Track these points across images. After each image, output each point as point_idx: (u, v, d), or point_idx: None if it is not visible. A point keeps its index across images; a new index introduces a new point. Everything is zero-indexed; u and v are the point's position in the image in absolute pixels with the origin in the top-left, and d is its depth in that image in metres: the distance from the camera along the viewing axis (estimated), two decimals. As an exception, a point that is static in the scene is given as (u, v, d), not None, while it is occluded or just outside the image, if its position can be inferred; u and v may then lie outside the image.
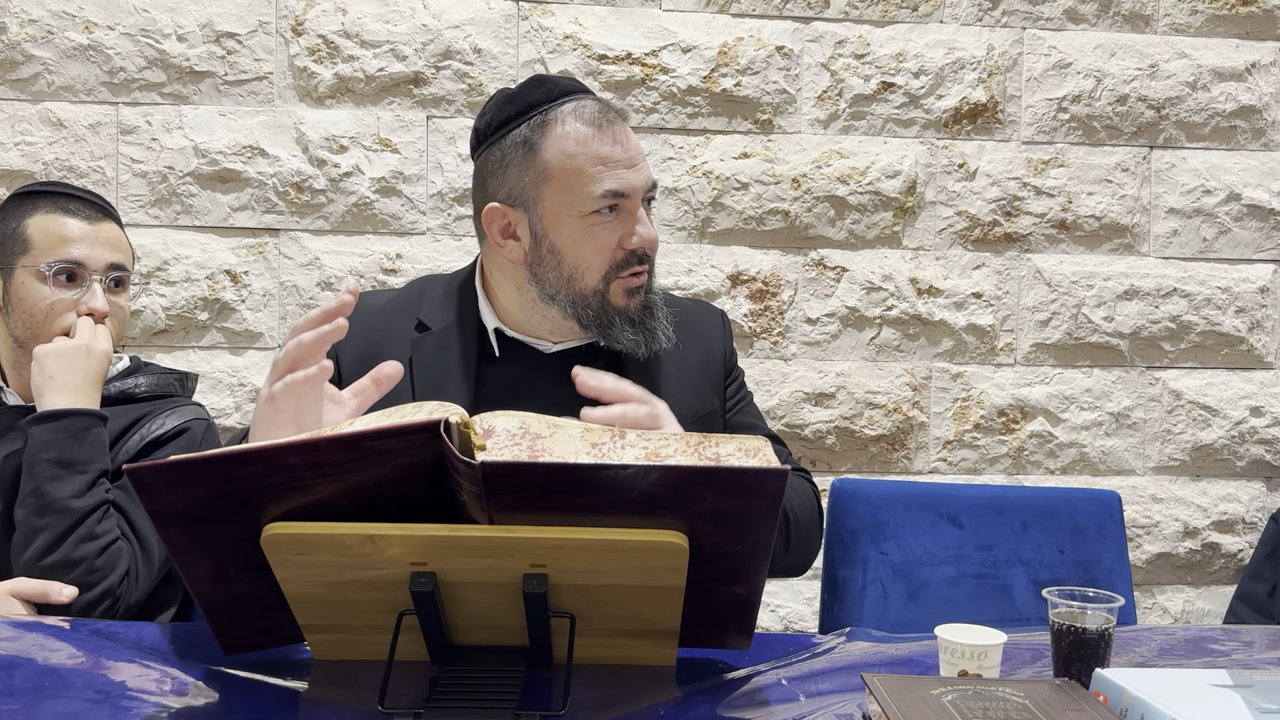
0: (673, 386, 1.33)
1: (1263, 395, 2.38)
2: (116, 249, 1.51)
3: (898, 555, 1.69)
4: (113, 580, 1.35)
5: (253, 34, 2.17)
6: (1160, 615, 2.37)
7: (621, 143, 1.24)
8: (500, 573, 0.88)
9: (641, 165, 1.26)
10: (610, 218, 1.25)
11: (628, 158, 1.24)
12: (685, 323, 1.39)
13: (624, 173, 1.24)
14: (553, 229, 1.25)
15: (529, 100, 1.26)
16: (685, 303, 1.46)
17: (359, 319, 1.33)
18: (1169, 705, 0.81)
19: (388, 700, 0.85)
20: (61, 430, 1.37)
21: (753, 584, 0.95)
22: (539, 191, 1.25)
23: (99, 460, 1.39)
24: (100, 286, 1.47)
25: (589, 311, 1.27)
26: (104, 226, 1.51)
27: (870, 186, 2.29)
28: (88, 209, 1.50)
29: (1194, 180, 2.36)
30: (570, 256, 1.25)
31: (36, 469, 1.35)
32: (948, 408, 2.32)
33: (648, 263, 1.29)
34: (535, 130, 1.24)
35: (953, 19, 2.31)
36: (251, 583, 0.92)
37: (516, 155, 1.25)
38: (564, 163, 1.23)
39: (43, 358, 1.41)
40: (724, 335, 1.45)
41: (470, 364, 1.29)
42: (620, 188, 1.23)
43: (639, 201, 1.26)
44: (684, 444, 0.94)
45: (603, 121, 1.23)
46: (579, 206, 1.23)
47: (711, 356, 1.40)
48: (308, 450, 0.84)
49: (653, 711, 0.90)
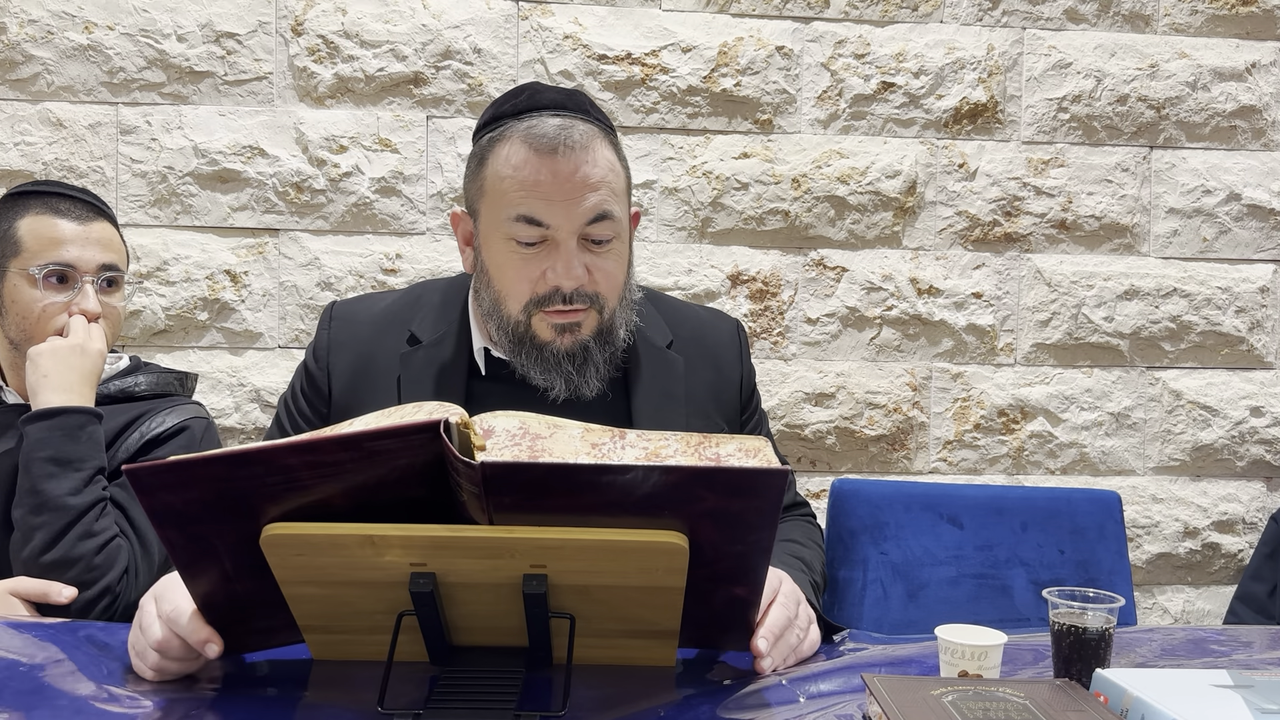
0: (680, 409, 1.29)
1: (1263, 395, 2.38)
2: (108, 249, 1.51)
3: (898, 555, 1.69)
4: (112, 578, 1.35)
5: (252, 34, 2.17)
6: (1160, 615, 2.37)
7: (558, 172, 1.15)
8: (500, 573, 0.88)
9: (583, 199, 1.16)
10: (533, 249, 1.17)
11: (560, 189, 1.15)
12: (696, 338, 1.34)
13: (546, 203, 1.15)
14: (485, 246, 1.22)
15: (499, 110, 1.22)
16: (698, 312, 1.40)
17: (351, 330, 1.30)
18: (1169, 706, 0.81)
19: (387, 701, 0.85)
20: (57, 428, 1.37)
21: (753, 584, 0.95)
22: (479, 206, 1.22)
23: (95, 458, 1.39)
24: (92, 288, 1.47)
25: (512, 338, 1.21)
26: (95, 226, 1.50)
27: (870, 186, 2.29)
28: (79, 209, 1.49)
29: (1194, 180, 2.36)
30: (496, 279, 1.21)
31: (32, 467, 1.35)
32: (948, 408, 2.32)
33: (581, 303, 1.18)
34: (489, 144, 1.20)
35: (953, 19, 2.31)
36: (251, 583, 0.92)
37: (472, 165, 1.24)
38: (495, 183, 1.18)
39: (37, 357, 1.41)
40: (739, 355, 1.38)
41: (458, 382, 1.25)
42: (534, 215, 1.16)
43: (569, 236, 1.17)
44: (684, 444, 0.94)
45: (547, 148, 1.15)
46: (502, 229, 1.18)
47: (726, 380, 1.35)
48: (307, 450, 0.84)
49: (653, 712, 0.90)
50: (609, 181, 1.18)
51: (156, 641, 0.94)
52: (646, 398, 1.28)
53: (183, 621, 0.93)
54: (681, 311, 1.38)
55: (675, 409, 1.29)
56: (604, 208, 1.17)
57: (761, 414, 1.44)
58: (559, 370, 1.20)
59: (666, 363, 1.31)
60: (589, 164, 1.16)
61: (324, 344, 1.31)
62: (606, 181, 1.18)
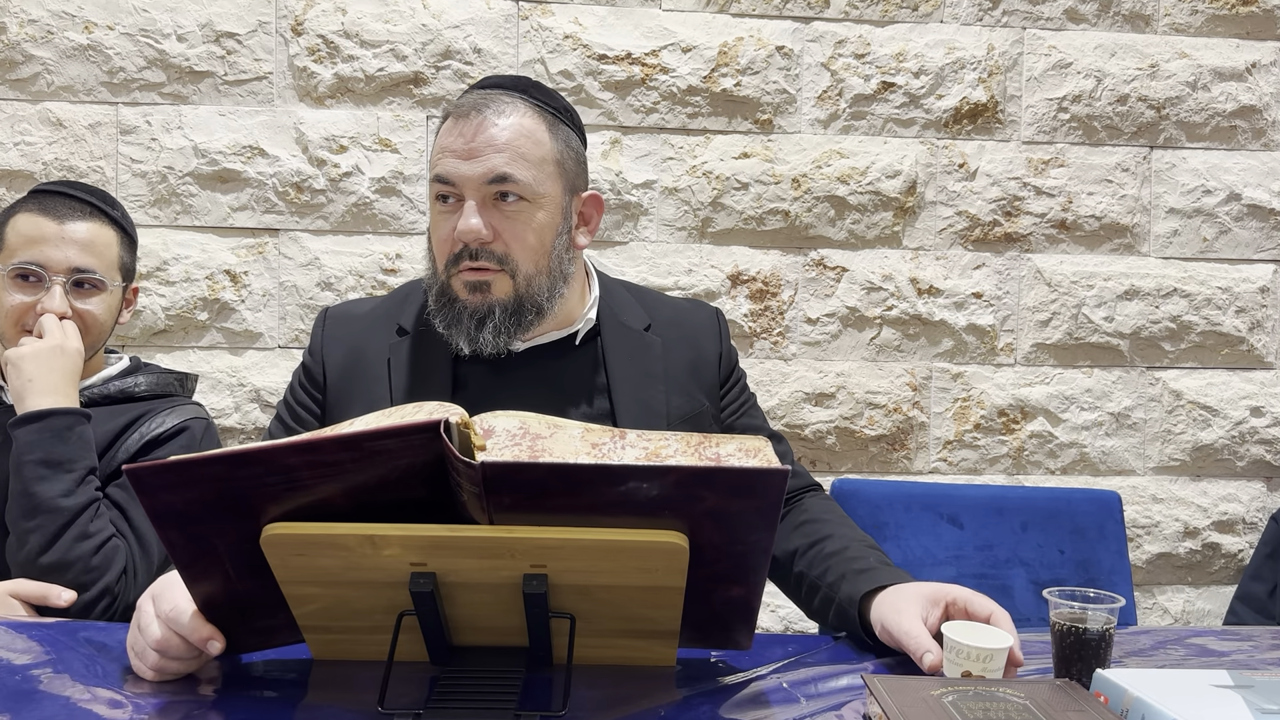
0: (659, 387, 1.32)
1: (1263, 395, 2.38)
2: (86, 251, 1.46)
3: (898, 555, 1.69)
4: (110, 578, 1.35)
5: (252, 34, 2.17)
6: (1160, 615, 2.37)
7: (465, 134, 1.23)
8: (500, 573, 0.88)
9: (484, 157, 1.22)
10: (449, 207, 1.25)
11: (466, 149, 1.22)
12: (674, 322, 1.38)
13: (453, 161, 1.23)
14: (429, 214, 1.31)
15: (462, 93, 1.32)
16: (676, 301, 1.45)
17: (344, 328, 1.36)
18: (1169, 706, 0.81)
19: (387, 701, 0.85)
20: (45, 430, 1.36)
21: (753, 584, 0.95)
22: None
23: (85, 458, 1.38)
24: (60, 289, 1.44)
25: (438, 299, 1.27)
26: (78, 227, 1.46)
27: (870, 186, 2.29)
28: (69, 207, 1.47)
29: (1194, 180, 2.36)
30: (431, 243, 1.29)
31: (23, 471, 1.35)
32: (948, 408, 2.32)
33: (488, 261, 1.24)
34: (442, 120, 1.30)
35: (953, 19, 2.31)
36: (251, 583, 0.92)
37: None
38: (432, 153, 1.28)
39: (18, 361, 1.40)
40: (718, 336, 1.42)
41: (444, 366, 1.30)
42: (444, 174, 1.23)
43: (473, 192, 1.23)
44: (684, 444, 0.94)
45: (459, 113, 1.24)
46: (431, 191, 1.27)
47: (703, 359, 1.38)
48: (307, 450, 0.84)
49: (653, 712, 0.90)
50: (516, 145, 1.23)
51: (156, 641, 0.94)
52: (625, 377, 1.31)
53: (183, 620, 0.93)
54: (660, 300, 1.44)
55: (654, 387, 1.32)
56: (504, 169, 1.22)
57: (749, 396, 1.46)
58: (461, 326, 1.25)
59: (644, 344, 1.35)
60: (495, 127, 1.23)
61: (318, 339, 1.37)
62: (514, 145, 1.23)
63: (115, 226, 1.52)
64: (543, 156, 1.26)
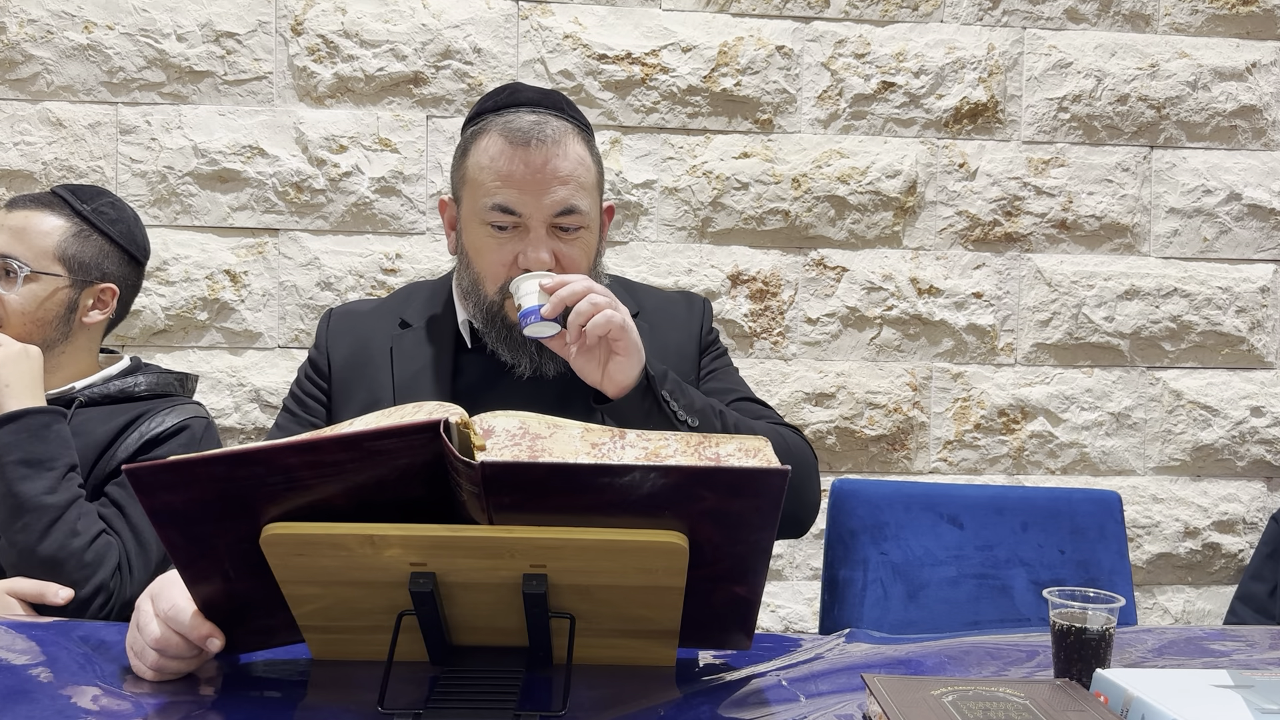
0: None
1: (1263, 395, 2.38)
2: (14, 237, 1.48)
3: (898, 555, 1.69)
4: (104, 575, 1.35)
5: (252, 34, 2.17)
6: (1160, 615, 2.37)
7: (532, 164, 1.24)
8: (500, 573, 0.88)
9: (552, 190, 1.25)
10: (506, 233, 1.26)
11: (533, 180, 1.24)
12: (661, 309, 1.43)
13: (518, 194, 1.24)
14: (465, 230, 1.32)
15: (482, 106, 1.33)
16: (667, 293, 1.50)
17: (348, 323, 1.41)
18: (1170, 706, 0.81)
19: (387, 701, 0.85)
20: (22, 430, 1.36)
21: (753, 584, 0.95)
22: (461, 193, 1.32)
23: (65, 455, 1.38)
24: None
25: (486, 316, 1.31)
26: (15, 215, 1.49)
27: (870, 186, 2.29)
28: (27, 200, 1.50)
29: (1194, 180, 2.36)
30: (474, 261, 1.30)
31: (5, 471, 1.35)
32: (948, 408, 2.32)
33: None
34: (472, 136, 1.30)
35: (953, 18, 2.31)
36: (251, 583, 0.92)
37: (457, 156, 1.34)
38: (475, 173, 1.28)
39: None
40: (702, 316, 1.46)
41: (445, 355, 1.34)
42: (508, 204, 1.25)
43: (539, 224, 1.25)
44: (684, 444, 0.94)
45: (520, 141, 1.24)
46: (479, 215, 1.27)
47: (687, 335, 1.43)
48: (307, 450, 0.84)
49: (653, 712, 0.90)
50: (578, 176, 1.27)
51: (155, 640, 0.94)
52: None
53: (182, 619, 0.93)
54: (649, 291, 1.48)
55: None
56: (572, 201, 1.26)
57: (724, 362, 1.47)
58: (524, 349, 1.30)
59: None
60: (559, 158, 1.25)
61: (324, 334, 1.42)
62: (575, 176, 1.27)
63: (71, 218, 1.52)
64: (594, 182, 1.31)
